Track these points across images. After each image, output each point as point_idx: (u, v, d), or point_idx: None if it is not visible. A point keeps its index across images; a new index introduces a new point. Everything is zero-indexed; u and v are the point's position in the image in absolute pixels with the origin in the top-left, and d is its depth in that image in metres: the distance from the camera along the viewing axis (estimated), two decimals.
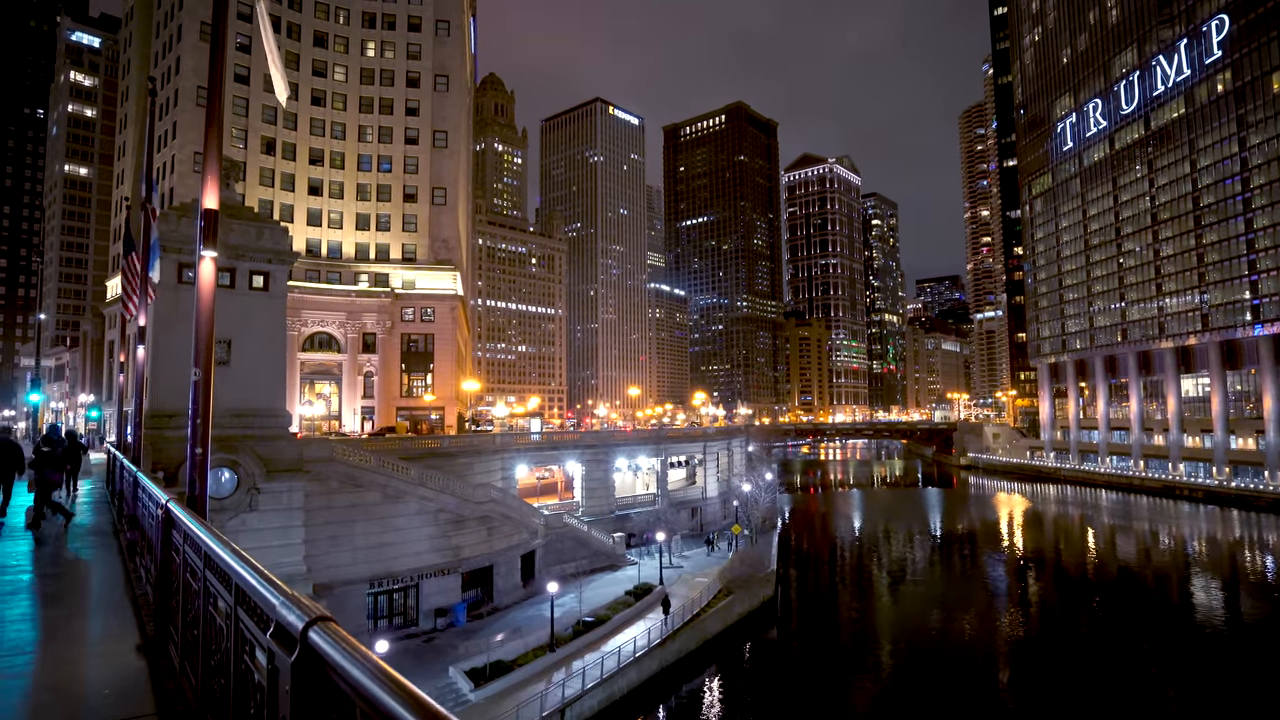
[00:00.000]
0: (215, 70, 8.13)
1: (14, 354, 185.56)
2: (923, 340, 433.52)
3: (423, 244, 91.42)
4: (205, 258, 7.55)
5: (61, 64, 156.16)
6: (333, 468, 40.86)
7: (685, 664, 44.21)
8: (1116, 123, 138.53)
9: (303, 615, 2.61)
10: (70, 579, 9.82)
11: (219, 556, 4.02)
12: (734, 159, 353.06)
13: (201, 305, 7.44)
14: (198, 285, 7.61)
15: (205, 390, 7.35)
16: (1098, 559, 77.76)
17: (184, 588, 5.06)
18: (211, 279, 7.62)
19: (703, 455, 79.78)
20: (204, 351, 7.36)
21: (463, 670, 35.55)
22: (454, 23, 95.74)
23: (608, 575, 56.73)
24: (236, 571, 3.46)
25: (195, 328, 7.41)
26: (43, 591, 9.04)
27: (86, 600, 8.47)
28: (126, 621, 6.87)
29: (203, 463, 7.30)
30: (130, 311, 20.16)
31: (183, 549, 5.18)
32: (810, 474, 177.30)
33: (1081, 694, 39.92)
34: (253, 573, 3.39)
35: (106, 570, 10.06)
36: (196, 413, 7.35)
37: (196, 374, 7.29)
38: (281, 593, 3.02)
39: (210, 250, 7.56)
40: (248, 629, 3.40)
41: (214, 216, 7.56)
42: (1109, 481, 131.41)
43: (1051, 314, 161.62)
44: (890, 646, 49.31)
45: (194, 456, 7.26)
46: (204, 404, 7.34)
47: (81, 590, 9.05)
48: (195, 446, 7.29)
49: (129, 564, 9.94)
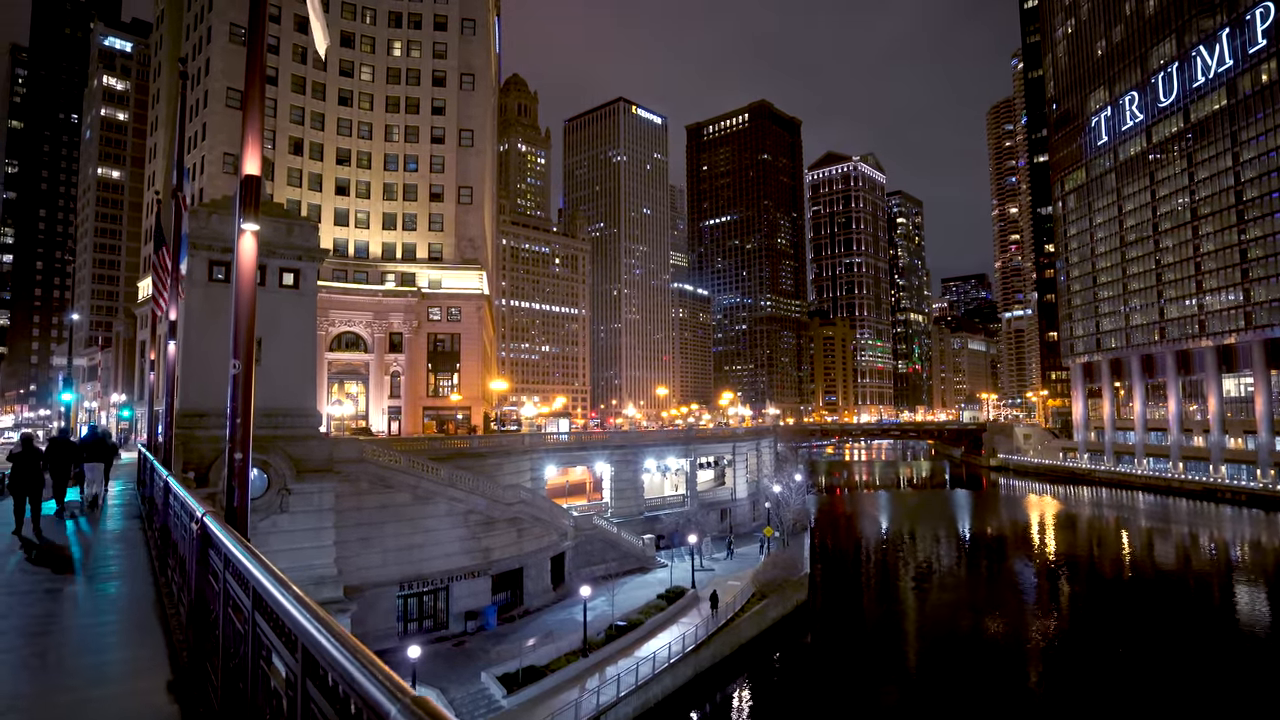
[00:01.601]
0: (257, 18, 7.23)
1: (49, 354, 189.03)
2: (949, 340, 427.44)
3: (449, 243, 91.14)
4: (246, 231, 6.64)
5: (95, 69, 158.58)
6: (363, 468, 40.34)
7: (720, 670, 43.16)
8: (1154, 116, 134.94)
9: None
10: (96, 593, 9.05)
11: (275, 601, 3.11)
12: (757, 158, 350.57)
13: (242, 286, 6.50)
14: (237, 264, 6.64)
15: (245, 385, 6.40)
16: (1137, 563, 75.43)
17: (225, 623, 4.19)
18: (252, 257, 6.67)
19: (732, 456, 78.58)
20: (244, 340, 6.42)
21: (495, 676, 34.80)
22: (479, 21, 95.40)
23: (638, 578, 55.78)
24: (304, 629, 2.53)
25: (234, 313, 6.48)
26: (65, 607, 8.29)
27: (112, 619, 7.67)
28: (156, 651, 6.02)
29: (243, 469, 6.38)
30: (161, 308, 19.58)
31: (223, 577, 4.31)
32: (836, 475, 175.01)
33: (1120, 703, 38.30)
34: (325, 630, 2.45)
35: (134, 584, 9.27)
36: (236, 410, 6.35)
37: (236, 366, 6.35)
38: (370, 669, 2.10)
39: (251, 223, 6.66)
40: (318, 707, 2.48)
41: (255, 184, 6.65)
42: (1146, 483, 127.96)
43: (1085, 312, 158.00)
44: (926, 653, 47.93)
45: (233, 462, 6.34)
46: (243, 401, 6.38)
47: (107, 608, 8.26)
48: (235, 450, 6.33)
49: (159, 576, 9.16)
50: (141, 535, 13.40)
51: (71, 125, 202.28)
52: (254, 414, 6.77)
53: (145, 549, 11.80)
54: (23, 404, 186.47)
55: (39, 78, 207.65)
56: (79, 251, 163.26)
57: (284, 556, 31.80)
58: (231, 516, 6.12)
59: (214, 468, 34.14)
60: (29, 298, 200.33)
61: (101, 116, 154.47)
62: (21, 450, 14.49)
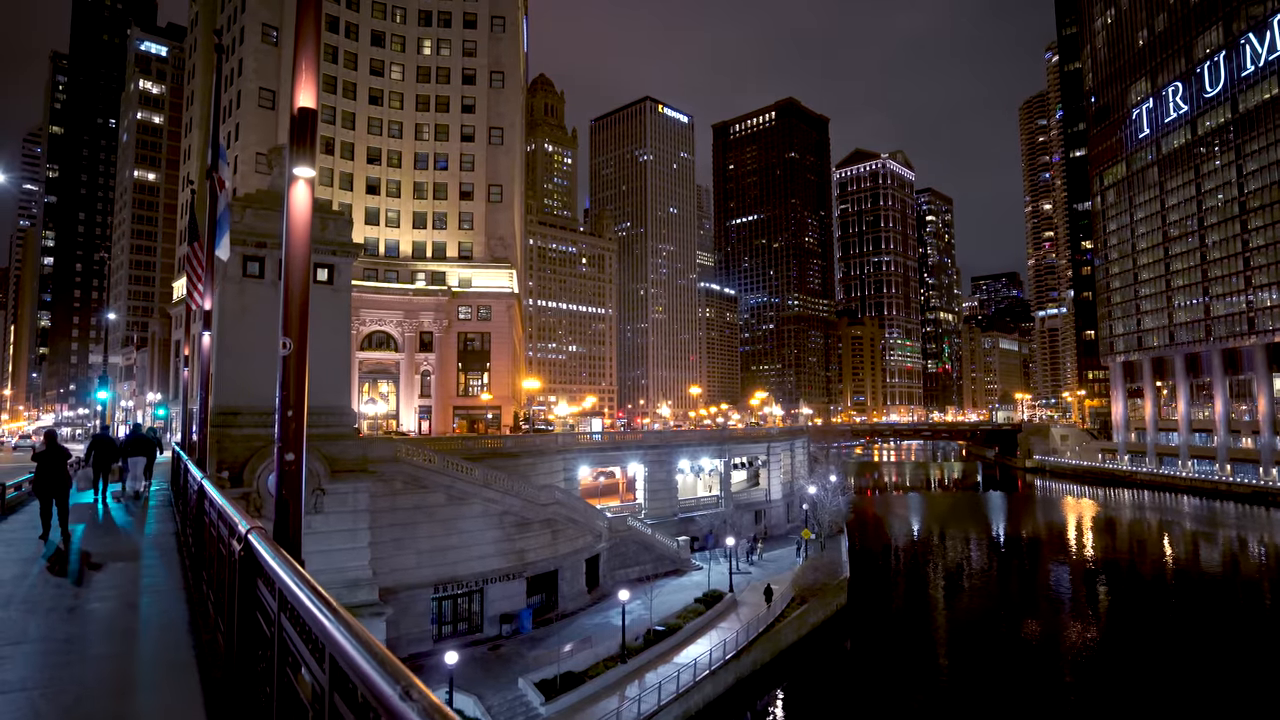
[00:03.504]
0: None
1: (88, 354, 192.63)
2: (979, 339, 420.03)
3: (479, 242, 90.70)
4: (299, 179, 5.55)
5: (131, 73, 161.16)
6: (397, 468, 39.63)
7: (761, 676, 41.86)
8: (1199, 107, 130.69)
9: None
10: (123, 611, 8.08)
11: (361, 671, 2.01)
12: (784, 156, 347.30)
13: (294, 246, 5.36)
14: (288, 220, 5.51)
15: (297, 370, 5.29)
16: (1186, 568, 72.66)
17: (279, 688, 3.12)
18: (306, 211, 5.56)
19: (766, 456, 77.06)
20: (296, 312, 5.34)
21: (532, 682, 33.83)
22: (509, 19, 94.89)
23: (673, 581, 54.58)
24: None
25: (285, 279, 5.36)
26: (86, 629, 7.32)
27: (139, 648, 6.66)
28: (190, 699, 4.96)
29: (295, 474, 5.26)
30: (195, 302, 18.85)
31: (276, 620, 3.24)
32: (866, 476, 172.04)
33: (1169, 713, 36.39)
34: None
35: (166, 602, 8.29)
36: (287, 400, 5.21)
37: (287, 345, 5.22)
38: None
39: (305, 167, 5.55)
40: None
41: (310, 120, 5.53)
42: (1191, 486, 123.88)
43: (1126, 310, 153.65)
44: (967, 661, 46.26)
45: (283, 465, 5.23)
46: (295, 389, 5.24)
47: (134, 632, 7.25)
48: (286, 450, 5.21)
49: (192, 591, 8.20)
50: (175, 542, 12.52)
51: (109, 130, 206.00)
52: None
53: (178, 558, 10.89)
54: (62, 403, 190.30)
55: (78, 84, 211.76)
56: (115, 253, 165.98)
57: (318, 559, 31.10)
58: (284, 535, 5.05)
59: (248, 467, 33.61)
60: (68, 299, 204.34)
61: (138, 120, 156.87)
62: (46, 449, 13.47)
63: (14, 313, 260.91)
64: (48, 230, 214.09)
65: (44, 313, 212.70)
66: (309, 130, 5.61)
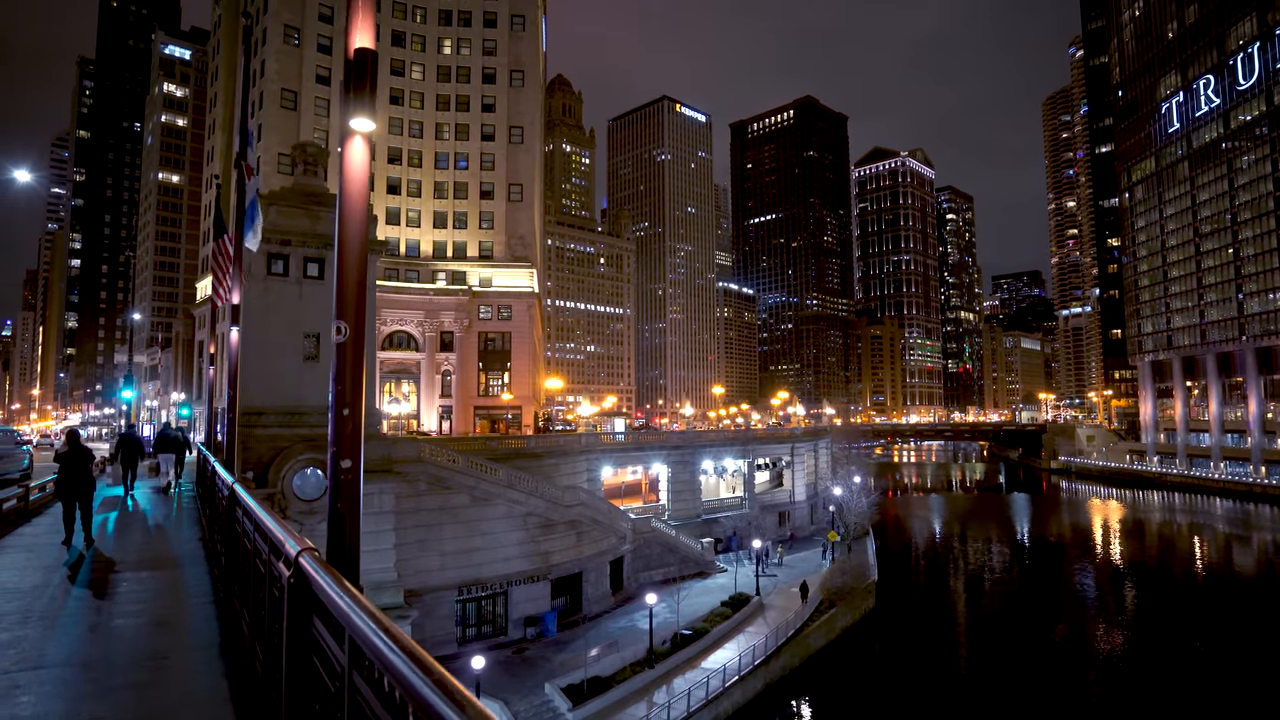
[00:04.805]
0: None
1: (114, 355, 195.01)
2: (1000, 339, 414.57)
3: (499, 241, 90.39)
4: (356, 133, 4.85)
5: (156, 76, 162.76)
6: (421, 469, 39.17)
7: (790, 681, 40.99)
8: (1232, 100, 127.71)
9: None
10: (147, 631, 7.44)
11: None
12: (803, 154, 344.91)
13: (350, 210, 4.65)
14: (344, 180, 4.81)
15: (354, 359, 4.52)
16: (1222, 572, 70.71)
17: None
18: (364, 168, 4.83)
19: (790, 457, 76.01)
20: (351, 289, 4.60)
21: (559, 687, 33.21)
22: (529, 18, 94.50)
23: (698, 583, 53.76)
24: None
25: (339, 250, 4.64)
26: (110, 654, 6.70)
27: (166, 677, 5.97)
28: None
29: (354, 485, 4.55)
30: (221, 298, 18.39)
31: (347, 677, 2.52)
32: (886, 477, 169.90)
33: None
34: None
35: (194, 620, 7.64)
36: (342, 396, 4.48)
37: (342, 330, 4.48)
38: None
39: (364, 118, 4.83)
40: None
41: (369, 63, 4.80)
42: (1224, 488, 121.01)
43: (1155, 308, 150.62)
44: (998, 666, 45.14)
45: (339, 473, 4.49)
46: (351, 383, 4.47)
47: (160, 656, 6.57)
48: (341, 456, 4.48)
49: (223, 608, 7.57)
50: (202, 549, 11.95)
51: (134, 133, 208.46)
52: (312, 411, 5.12)
53: (206, 567, 10.30)
54: (89, 403, 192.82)
55: (104, 88, 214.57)
56: (140, 254, 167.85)
57: None
58: (340, 555, 4.37)
59: (273, 467, 33.24)
60: (95, 300, 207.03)
61: (162, 123, 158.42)
62: (68, 450, 12.85)
63: (43, 314, 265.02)
64: (75, 233, 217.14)
65: (71, 314, 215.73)
66: (368, 74, 4.92)
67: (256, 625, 5.27)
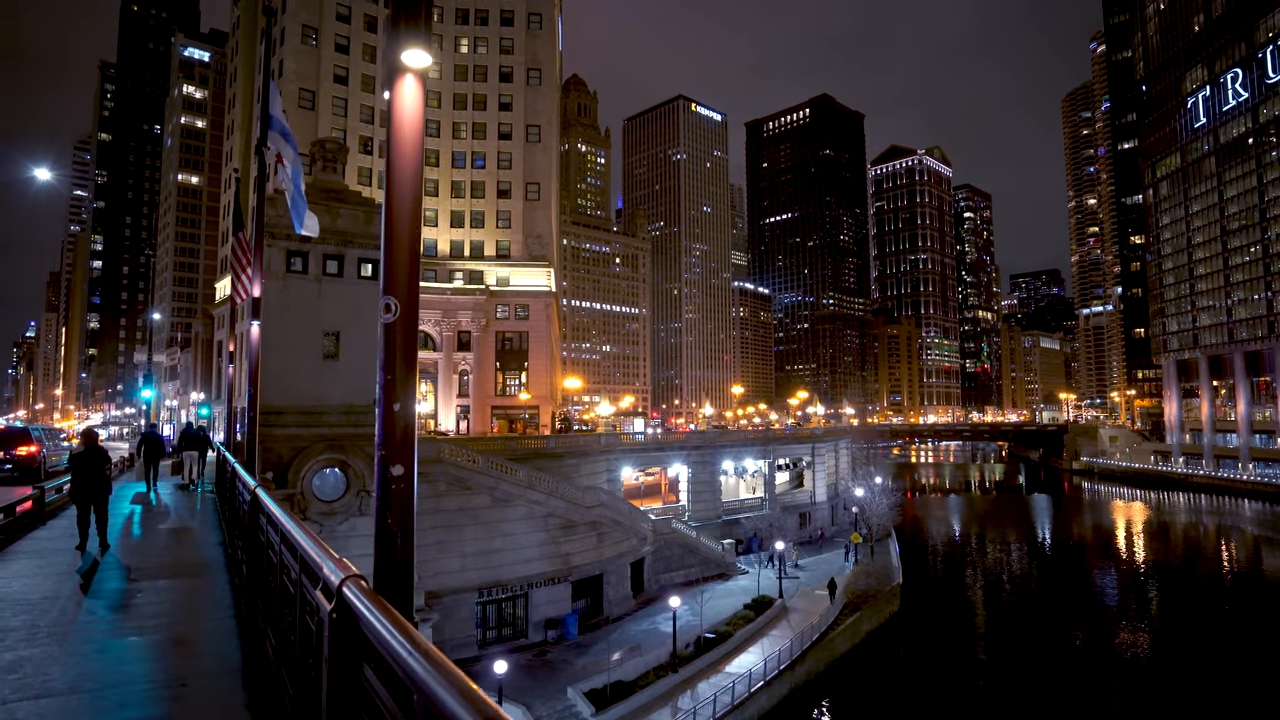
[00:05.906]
0: None
1: (134, 354, 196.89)
2: (1019, 338, 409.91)
3: (516, 240, 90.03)
4: (408, 70, 4.11)
5: (175, 79, 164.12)
6: (441, 469, 38.73)
7: (814, 685, 40.17)
8: (1261, 93, 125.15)
9: None
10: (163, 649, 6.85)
11: None
12: (819, 153, 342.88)
13: (402, 160, 3.98)
14: (394, 124, 4.09)
15: (405, 343, 3.83)
16: (1252, 576, 68.99)
17: None
18: (418, 113, 4.11)
19: (810, 457, 75.06)
20: (404, 262, 3.97)
21: (582, 692, 32.60)
22: (545, 16, 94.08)
23: (720, 585, 53.01)
24: None
25: (386, 224, 4.06)
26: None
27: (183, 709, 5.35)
28: None
29: (405, 492, 3.94)
30: (241, 294, 17.93)
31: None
32: (905, 477, 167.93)
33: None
34: None
35: (215, 641, 7.06)
36: (391, 390, 3.81)
37: (393, 308, 3.83)
38: None
39: (418, 50, 4.10)
40: None
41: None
42: (1253, 489, 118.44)
43: (1180, 306, 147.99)
44: (1026, 670, 44.03)
45: (388, 480, 3.86)
46: (402, 373, 3.81)
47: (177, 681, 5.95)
48: (392, 461, 3.81)
49: (245, 622, 6.99)
50: (222, 554, 11.41)
51: (154, 135, 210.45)
52: (332, 411, 4.57)
53: (226, 575, 9.74)
54: (110, 402, 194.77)
55: (125, 91, 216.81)
56: (160, 255, 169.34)
57: (363, 563, 30.15)
58: (389, 581, 3.74)
59: (292, 467, 32.89)
60: (116, 301, 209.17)
61: (181, 125, 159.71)
62: (84, 451, 12.25)
63: (65, 315, 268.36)
64: (96, 234, 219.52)
65: (93, 315, 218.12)
66: (426, 10, 4.23)
67: (283, 650, 4.66)
